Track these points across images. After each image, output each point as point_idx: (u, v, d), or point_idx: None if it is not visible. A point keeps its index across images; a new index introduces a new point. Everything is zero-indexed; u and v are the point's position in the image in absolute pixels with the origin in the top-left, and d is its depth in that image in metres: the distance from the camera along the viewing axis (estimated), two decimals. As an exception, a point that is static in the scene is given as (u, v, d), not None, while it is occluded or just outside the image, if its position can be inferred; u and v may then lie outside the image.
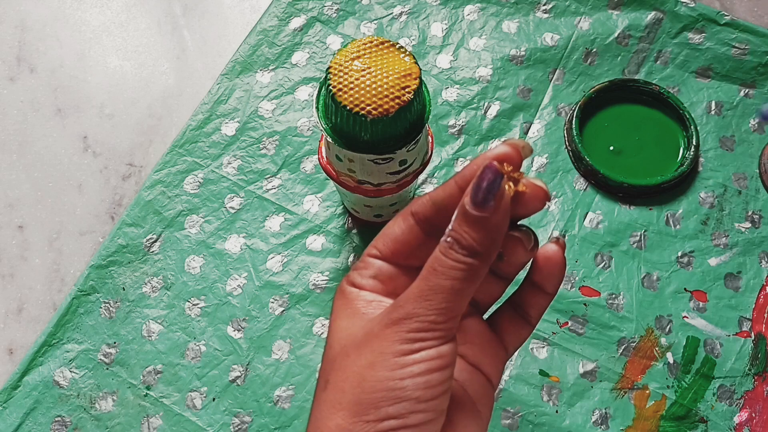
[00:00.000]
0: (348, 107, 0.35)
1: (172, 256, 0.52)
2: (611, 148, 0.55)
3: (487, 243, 0.23)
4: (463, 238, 0.23)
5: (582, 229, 0.53)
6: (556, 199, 0.54)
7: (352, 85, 0.36)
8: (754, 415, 0.47)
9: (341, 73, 0.36)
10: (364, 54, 0.36)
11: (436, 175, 0.55)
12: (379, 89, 0.35)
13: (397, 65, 0.36)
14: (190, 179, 0.54)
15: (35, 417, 0.47)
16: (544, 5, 0.61)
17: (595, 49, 0.59)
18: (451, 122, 0.57)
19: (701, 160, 0.55)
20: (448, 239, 0.23)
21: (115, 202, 0.55)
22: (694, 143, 0.54)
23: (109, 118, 0.58)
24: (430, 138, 0.44)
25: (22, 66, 0.61)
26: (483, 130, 0.56)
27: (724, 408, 0.47)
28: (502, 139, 0.26)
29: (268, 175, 0.55)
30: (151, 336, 0.49)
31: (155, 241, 0.52)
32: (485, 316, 0.29)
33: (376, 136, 0.37)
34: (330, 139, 0.38)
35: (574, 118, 0.55)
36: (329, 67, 0.36)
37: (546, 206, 0.27)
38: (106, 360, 0.49)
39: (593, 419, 0.47)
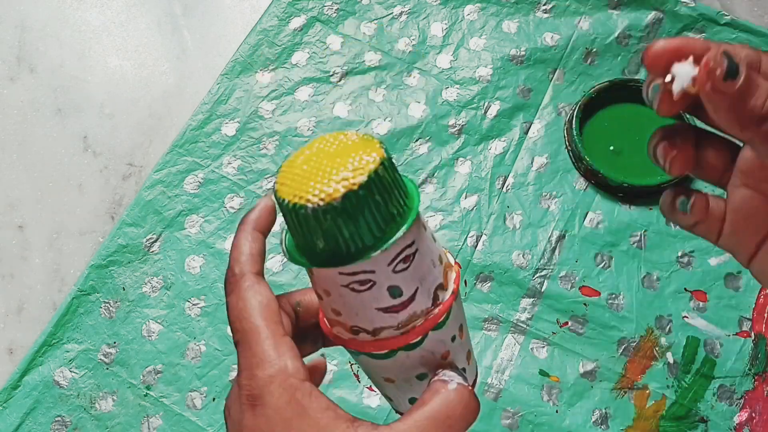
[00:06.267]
0: (287, 201, 0.25)
1: (172, 256, 0.52)
2: (611, 148, 0.55)
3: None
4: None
5: (582, 229, 0.53)
6: (556, 199, 0.54)
7: (295, 176, 0.25)
8: (754, 415, 0.47)
9: (288, 168, 0.26)
10: (319, 145, 0.26)
11: (436, 175, 0.55)
12: (322, 172, 0.25)
13: (351, 145, 0.26)
14: (190, 179, 0.55)
15: (35, 417, 0.47)
16: (544, 5, 0.61)
17: (595, 49, 0.59)
18: (451, 122, 0.57)
19: (701, 160, 0.55)
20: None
21: (115, 202, 0.55)
22: (694, 143, 0.54)
23: (109, 118, 0.58)
24: (447, 257, 0.28)
25: (22, 66, 0.61)
26: (483, 129, 0.56)
27: (724, 408, 0.47)
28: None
29: (268, 175, 0.55)
30: (151, 336, 0.49)
31: (155, 241, 0.52)
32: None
33: (330, 235, 0.25)
34: (288, 258, 0.27)
35: (574, 118, 0.55)
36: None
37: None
38: (106, 360, 0.49)
39: (593, 419, 0.47)
